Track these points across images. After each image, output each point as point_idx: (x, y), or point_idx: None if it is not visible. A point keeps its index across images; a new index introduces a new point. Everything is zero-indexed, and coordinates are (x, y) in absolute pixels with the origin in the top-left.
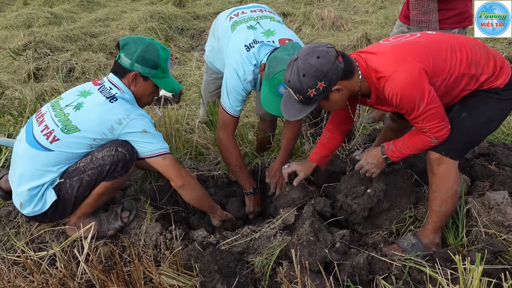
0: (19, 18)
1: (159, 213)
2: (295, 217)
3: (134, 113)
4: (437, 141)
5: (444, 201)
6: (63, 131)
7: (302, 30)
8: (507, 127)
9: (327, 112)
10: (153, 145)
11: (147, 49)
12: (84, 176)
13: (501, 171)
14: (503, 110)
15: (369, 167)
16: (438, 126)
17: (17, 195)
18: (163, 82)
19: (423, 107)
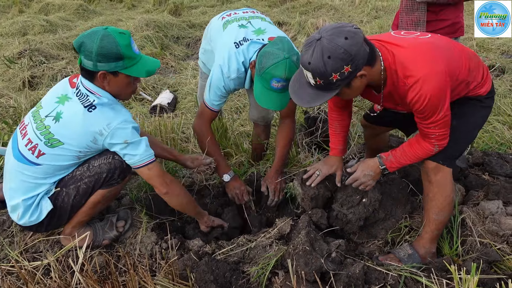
0: (14, 26)
1: (155, 222)
2: (290, 227)
3: (115, 122)
4: (439, 149)
5: (442, 209)
6: (46, 145)
7: (298, 39)
8: (500, 136)
9: (322, 121)
10: (136, 156)
11: (103, 42)
12: (81, 184)
13: (495, 180)
14: (484, 117)
15: (365, 180)
16: (445, 134)
17: (12, 207)
18: (135, 69)
19: (442, 113)
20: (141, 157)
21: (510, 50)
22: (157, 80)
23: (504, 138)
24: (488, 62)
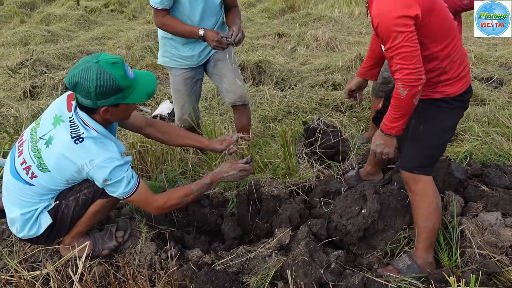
0: (16, 36)
1: (154, 232)
2: (290, 237)
3: (98, 159)
4: (404, 90)
5: (428, 216)
6: (38, 168)
7: (297, 50)
8: (499, 148)
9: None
10: (116, 193)
11: (100, 81)
12: (80, 196)
13: (494, 192)
14: (453, 119)
15: (380, 149)
16: (408, 68)
17: (10, 220)
18: (134, 96)
19: (400, 40)
20: (120, 194)
21: (508, 63)
22: (157, 90)
23: (503, 149)
24: (486, 74)
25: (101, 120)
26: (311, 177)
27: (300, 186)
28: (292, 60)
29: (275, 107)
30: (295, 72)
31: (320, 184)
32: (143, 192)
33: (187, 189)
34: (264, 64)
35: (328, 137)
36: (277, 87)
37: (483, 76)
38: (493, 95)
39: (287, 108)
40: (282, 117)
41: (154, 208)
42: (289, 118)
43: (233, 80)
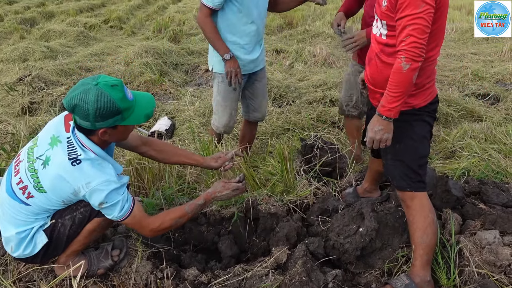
0: (15, 52)
1: (150, 251)
2: (287, 256)
3: (95, 182)
4: (407, 63)
5: (425, 231)
6: (35, 188)
7: (295, 66)
8: (496, 165)
9: (319, 149)
10: (110, 216)
11: (99, 104)
12: (77, 214)
13: (492, 210)
14: (424, 127)
15: (379, 135)
16: (417, 42)
17: (5, 239)
18: (133, 118)
19: (421, 10)
20: (115, 217)
21: (504, 79)
22: (155, 107)
23: (500, 166)
24: (483, 91)
25: (98, 141)
26: (309, 194)
27: (298, 204)
28: (290, 76)
29: (272, 124)
30: (293, 88)
31: (318, 201)
32: (137, 216)
33: (182, 211)
34: None
35: (326, 154)
36: (275, 103)
37: (479, 92)
38: (490, 111)
39: (284, 125)
40: (279, 134)
41: (148, 231)
42: (287, 135)
43: (264, 102)
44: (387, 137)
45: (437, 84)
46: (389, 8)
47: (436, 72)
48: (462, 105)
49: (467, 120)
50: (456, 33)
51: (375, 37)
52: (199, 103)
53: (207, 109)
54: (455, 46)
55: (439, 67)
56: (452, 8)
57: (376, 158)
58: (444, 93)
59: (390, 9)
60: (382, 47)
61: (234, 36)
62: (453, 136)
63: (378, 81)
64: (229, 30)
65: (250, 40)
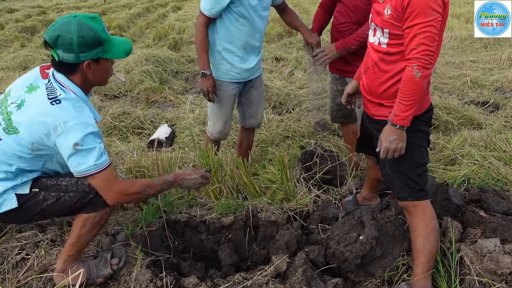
0: (16, 60)
1: (150, 259)
2: (287, 264)
3: (73, 121)
4: (419, 71)
5: (426, 238)
6: (5, 130)
7: (295, 74)
8: (496, 172)
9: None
10: (85, 165)
11: (82, 32)
12: (64, 196)
13: (492, 218)
14: (420, 136)
15: (394, 145)
16: (428, 50)
17: None
18: (114, 52)
19: (431, 18)
20: (88, 168)
21: (503, 87)
22: (155, 114)
23: (500, 174)
24: (482, 99)
25: (80, 82)
26: (309, 202)
27: (298, 212)
28: (289, 84)
29: (272, 131)
30: (293, 96)
31: (318, 209)
32: (110, 174)
33: (151, 181)
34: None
35: (326, 161)
36: (274, 111)
37: (479, 100)
38: (489, 119)
39: (284, 132)
40: (279, 141)
41: (115, 192)
42: (287, 142)
43: (260, 109)
44: (401, 146)
45: (436, 92)
46: (394, 16)
47: (430, 82)
48: (461, 112)
49: (467, 128)
50: (455, 41)
51: (373, 46)
52: (199, 111)
53: (207, 116)
54: (454, 54)
55: (439, 75)
56: (451, 16)
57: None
58: (443, 101)
59: (395, 18)
60: (381, 56)
61: (231, 44)
62: (453, 144)
63: (375, 90)
64: (226, 39)
65: (247, 50)
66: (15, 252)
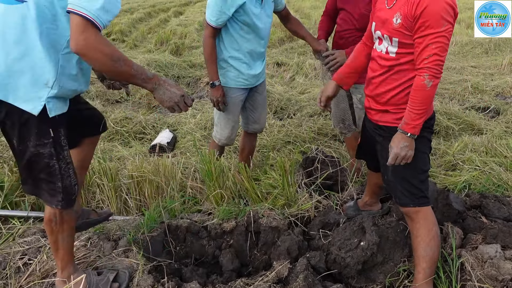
0: None
1: (151, 265)
2: (288, 270)
3: None
4: (430, 80)
5: (428, 244)
6: None
7: (296, 79)
8: (497, 178)
9: (320, 162)
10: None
11: None
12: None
13: (493, 224)
14: (422, 143)
15: (405, 152)
16: (439, 60)
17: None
18: None
19: (443, 29)
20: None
21: (504, 92)
22: (157, 119)
23: (501, 179)
24: (483, 104)
25: None
26: (310, 208)
27: (299, 217)
28: (291, 89)
29: (274, 136)
30: (294, 101)
31: (319, 215)
32: (94, 30)
33: (130, 60)
34: None
35: (327, 167)
36: (276, 116)
37: (480, 105)
38: (490, 124)
39: (286, 138)
40: (281, 147)
41: (86, 39)
42: (288, 147)
43: (263, 114)
44: (410, 154)
45: (437, 97)
46: (404, 26)
47: None
48: (462, 118)
49: (468, 133)
50: (456, 46)
51: (380, 55)
52: (201, 116)
53: (208, 122)
54: (455, 59)
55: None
56: None
57: (373, 172)
58: (444, 106)
59: (406, 27)
60: (390, 65)
61: (237, 52)
62: (454, 149)
63: (381, 98)
64: (233, 47)
65: (253, 56)
66: (17, 257)
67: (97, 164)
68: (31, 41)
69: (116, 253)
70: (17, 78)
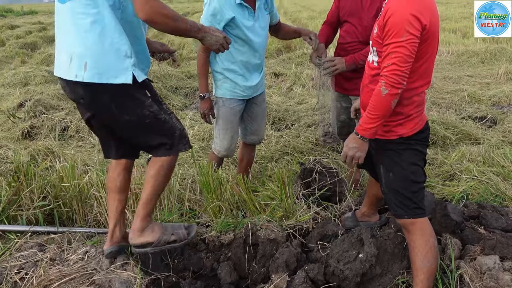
0: (16, 76)
1: (149, 278)
2: (287, 283)
3: None
4: (386, 88)
5: (425, 255)
6: None
7: (294, 89)
8: (495, 188)
9: (318, 173)
10: None
11: None
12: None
13: (491, 235)
14: (415, 155)
15: (352, 152)
16: (398, 69)
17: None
18: None
19: (403, 39)
20: None
21: (501, 101)
22: None
23: (499, 189)
24: (480, 114)
25: None
26: (308, 219)
27: (297, 229)
28: (288, 99)
29: (271, 147)
30: (292, 111)
31: (317, 227)
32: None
33: (184, 18)
34: None
35: (325, 178)
36: (273, 127)
37: (476, 115)
38: (487, 134)
39: (283, 148)
40: (278, 157)
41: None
42: (286, 158)
43: (262, 126)
44: (359, 155)
45: (434, 107)
46: (379, 35)
47: (425, 102)
48: (459, 128)
49: (465, 143)
50: (452, 55)
51: (368, 64)
52: (199, 127)
53: (206, 133)
54: (451, 68)
55: (436, 90)
56: (448, 31)
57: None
58: (441, 116)
59: (380, 36)
60: (374, 74)
61: (233, 64)
62: (452, 159)
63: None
64: (228, 59)
65: (248, 68)
66: (14, 271)
67: (95, 177)
68: (104, 20)
69: (113, 267)
70: (104, 58)
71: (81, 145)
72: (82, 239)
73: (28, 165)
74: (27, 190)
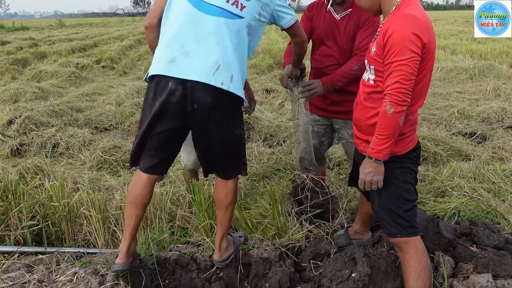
0: (6, 92)
1: None
2: None
3: None
4: (391, 107)
5: (419, 274)
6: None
7: (285, 105)
8: (486, 204)
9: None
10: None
11: None
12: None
13: (484, 252)
14: (407, 173)
15: (370, 177)
16: (402, 87)
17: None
18: None
19: (406, 57)
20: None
21: (490, 118)
22: None
23: (490, 206)
24: (469, 130)
25: None
26: (301, 238)
27: (290, 247)
28: (280, 115)
29: (263, 164)
30: (283, 127)
31: (310, 245)
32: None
33: None
34: (252, 120)
35: (317, 195)
36: (265, 143)
37: (466, 131)
38: (477, 150)
39: (275, 165)
40: (270, 174)
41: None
42: (278, 175)
43: None
44: (377, 179)
45: (424, 123)
46: (378, 54)
47: (417, 122)
48: (450, 144)
49: (455, 159)
50: (441, 72)
51: (364, 82)
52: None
53: None
54: (440, 85)
55: (426, 106)
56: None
57: (368, 200)
58: (431, 132)
59: (379, 55)
60: (369, 92)
61: None
62: (443, 176)
63: (362, 125)
64: None
65: None
66: None
67: (85, 195)
68: (242, 43)
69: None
70: (242, 75)
71: (71, 162)
72: (71, 259)
73: (16, 184)
74: (15, 209)
